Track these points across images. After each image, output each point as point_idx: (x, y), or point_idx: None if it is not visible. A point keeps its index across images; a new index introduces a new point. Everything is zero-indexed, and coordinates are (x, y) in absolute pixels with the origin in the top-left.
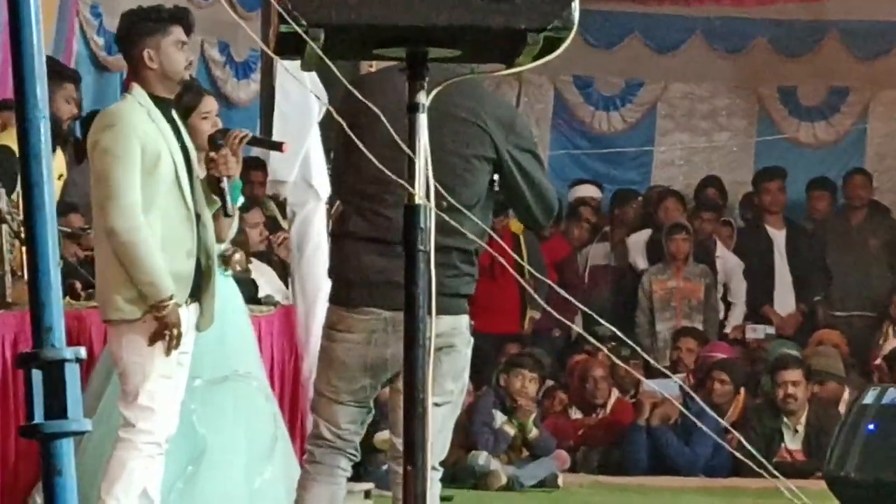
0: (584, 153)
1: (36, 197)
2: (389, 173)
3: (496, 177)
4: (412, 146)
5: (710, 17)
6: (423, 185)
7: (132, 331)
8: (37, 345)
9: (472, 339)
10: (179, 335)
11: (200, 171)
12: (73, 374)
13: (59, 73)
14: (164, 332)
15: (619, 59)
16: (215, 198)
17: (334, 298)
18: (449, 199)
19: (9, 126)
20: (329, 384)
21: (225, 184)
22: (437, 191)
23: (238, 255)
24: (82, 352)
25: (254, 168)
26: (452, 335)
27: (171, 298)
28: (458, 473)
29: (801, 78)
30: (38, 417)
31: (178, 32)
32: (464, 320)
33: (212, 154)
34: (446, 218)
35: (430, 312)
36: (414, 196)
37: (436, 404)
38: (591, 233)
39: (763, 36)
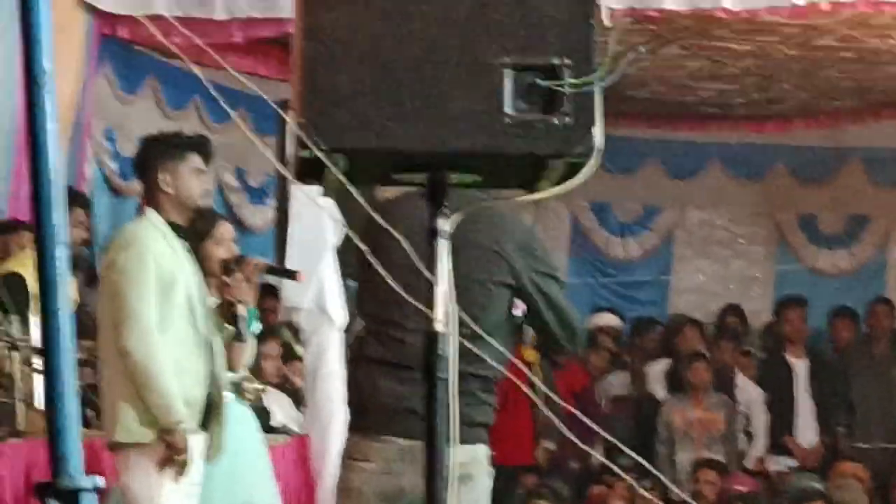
0: (601, 281)
1: (54, 325)
2: (411, 299)
3: (518, 302)
4: (433, 272)
5: (729, 142)
6: (443, 311)
7: (141, 455)
8: (54, 474)
9: (492, 470)
10: (184, 462)
11: (211, 298)
12: None
13: (71, 198)
14: (173, 457)
15: (637, 185)
16: (227, 325)
17: (352, 425)
18: (472, 325)
19: (16, 250)
20: None
21: (239, 310)
22: (458, 318)
23: (253, 384)
24: (100, 481)
25: (267, 295)
26: (471, 465)
27: (181, 423)
28: None
29: (820, 205)
30: None
31: (195, 159)
32: (482, 450)
33: (225, 279)
34: (467, 345)
35: (450, 442)
36: (434, 323)
37: None
38: (611, 362)
39: (782, 162)
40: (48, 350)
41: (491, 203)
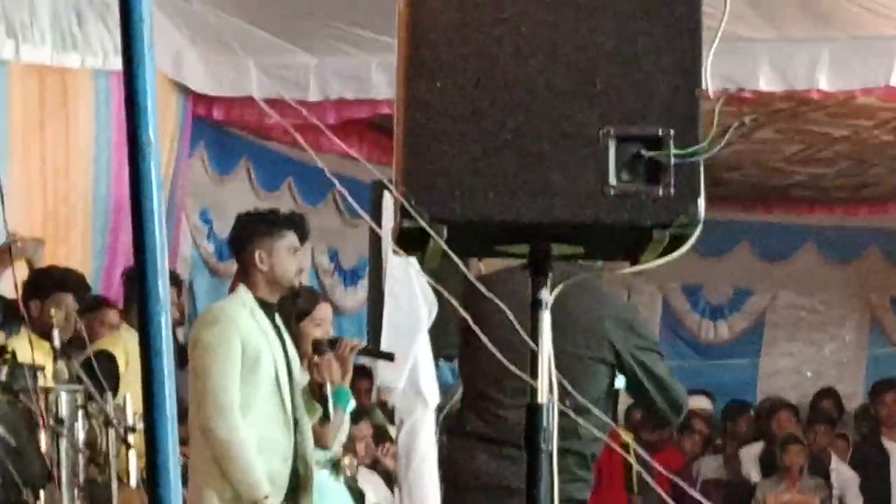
0: (691, 363)
1: (158, 394)
2: (515, 369)
3: (620, 378)
4: (536, 343)
5: (823, 225)
6: (546, 383)
7: None
8: None
9: None
10: None
11: (304, 377)
12: None
13: None
14: None
15: (729, 268)
16: (317, 404)
17: (449, 501)
18: (577, 396)
19: (104, 329)
20: None
21: (327, 389)
22: (559, 390)
23: (348, 460)
24: None
25: (360, 376)
26: None
27: (266, 499)
28: None
29: None
30: None
31: (291, 238)
32: None
33: (315, 359)
34: (571, 415)
35: None
36: (537, 394)
37: None
38: (704, 445)
39: (876, 245)
40: (150, 421)
41: (590, 277)
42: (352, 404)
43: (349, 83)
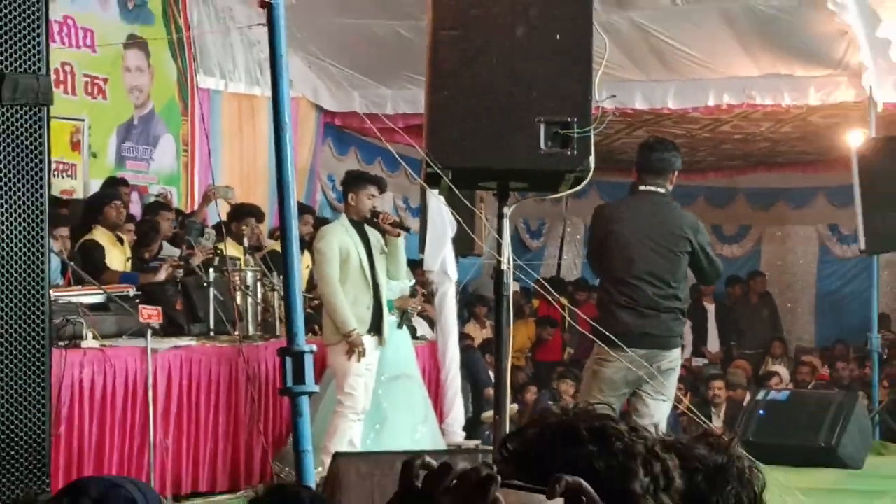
0: None
1: (291, 273)
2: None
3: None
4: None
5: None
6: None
7: (337, 348)
8: (289, 342)
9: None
10: (363, 351)
11: (382, 259)
12: (309, 360)
13: (307, 209)
14: (353, 349)
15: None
16: (393, 235)
17: (603, 342)
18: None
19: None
20: (596, 396)
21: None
22: (664, 273)
23: (409, 309)
24: (314, 347)
25: (414, 267)
26: (675, 361)
27: (353, 330)
28: None
29: None
30: (289, 383)
31: (371, 189)
32: (678, 351)
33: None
34: (672, 286)
35: (665, 348)
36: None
37: (663, 401)
38: None
39: (701, 196)
40: (287, 285)
41: (672, 202)
42: (410, 282)
43: (408, 104)
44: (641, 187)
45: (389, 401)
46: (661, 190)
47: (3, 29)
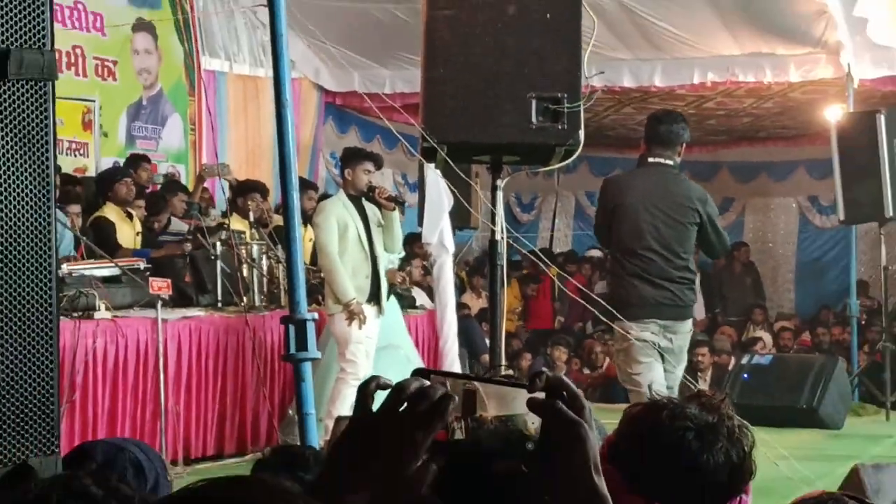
0: None
1: (293, 245)
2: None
3: None
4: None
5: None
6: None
7: (338, 316)
8: (291, 311)
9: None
10: (363, 319)
11: (379, 232)
12: (311, 327)
13: (309, 185)
14: (353, 317)
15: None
16: (388, 209)
17: (620, 312)
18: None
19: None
20: (639, 364)
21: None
22: (673, 243)
23: (401, 281)
24: (315, 315)
25: (413, 241)
26: (691, 330)
27: (353, 299)
28: None
29: None
30: (292, 350)
31: (367, 164)
32: (690, 321)
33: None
34: (682, 257)
35: (680, 318)
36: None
37: (675, 368)
38: None
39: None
40: (290, 256)
41: (682, 175)
42: (402, 253)
43: (406, 84)
44: (650, 159)
45: (375, 369)
46: (670, 162)
47: (7, 5)
